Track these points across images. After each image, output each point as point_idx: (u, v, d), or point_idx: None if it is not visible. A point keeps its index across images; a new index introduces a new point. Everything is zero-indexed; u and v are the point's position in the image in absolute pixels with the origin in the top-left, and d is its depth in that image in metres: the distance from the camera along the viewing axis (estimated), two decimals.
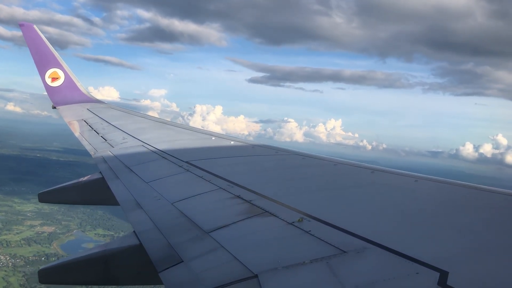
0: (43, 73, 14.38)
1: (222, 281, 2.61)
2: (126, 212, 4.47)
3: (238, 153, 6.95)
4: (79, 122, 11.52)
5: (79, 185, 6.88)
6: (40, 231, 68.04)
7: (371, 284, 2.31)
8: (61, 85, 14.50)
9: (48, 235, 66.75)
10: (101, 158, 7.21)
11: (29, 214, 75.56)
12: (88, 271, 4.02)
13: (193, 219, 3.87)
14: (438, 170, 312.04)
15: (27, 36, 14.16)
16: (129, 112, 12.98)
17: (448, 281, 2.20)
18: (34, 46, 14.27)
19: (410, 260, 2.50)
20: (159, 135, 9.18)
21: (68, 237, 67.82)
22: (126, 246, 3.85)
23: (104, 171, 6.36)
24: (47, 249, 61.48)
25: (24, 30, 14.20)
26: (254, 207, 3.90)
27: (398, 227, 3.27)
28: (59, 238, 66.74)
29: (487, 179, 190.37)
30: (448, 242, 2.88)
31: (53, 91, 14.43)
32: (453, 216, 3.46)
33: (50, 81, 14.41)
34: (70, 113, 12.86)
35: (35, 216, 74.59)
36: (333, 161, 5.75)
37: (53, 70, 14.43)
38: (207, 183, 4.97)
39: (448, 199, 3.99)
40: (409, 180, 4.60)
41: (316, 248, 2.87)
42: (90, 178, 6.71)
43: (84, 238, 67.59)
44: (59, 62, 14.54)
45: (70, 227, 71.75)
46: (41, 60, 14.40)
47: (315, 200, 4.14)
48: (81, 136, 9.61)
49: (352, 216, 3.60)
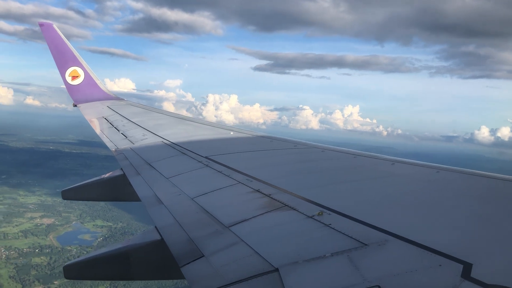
0: (63, 72, 14.59)
1: (243, 275, 2.62)
2: (147, 207, 4.52)
3: (256, 147, 6.96)
4: (99, 119, 11.68)
5: (101, 182, 6.98)
6: (39, 223, 68.76)
7: (393, 276, 2.29)
8: (81, 83, 14.69)
9: (46, 227, 67.39)
10: (122, 155, 7.29)
11: (31, 206, 76.53)
12: (111, 267, 4.08)
13: (213, 213, 3.89)
14: (456, 154, 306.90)
15: (46, 36, 14.35)
16: (149, 109, 13.09)
17: (472, 273, 2.17)
18: (54, 45, 14.47)
19: (432, 252, 2.46)
20: (178, 131, 9.25)
21: (66, 229, 68.44)
22: (148, 241, 3.90)
23: (125, 168, 6.44)
24: (42, 241, 62.14)
25: (43, 29, 14.39)
26: (273, 201, 3.90)
27: (420, 218, 3.23)
28: (56, 230, 67.39)
29: (508, 164, 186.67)
30: (472, 233, 2.83)
31: (73, 89, 14.63)
32: (476, 207, 3.40)
33: (71, 80, 14.62)
34: (90, 111, 13.04)
35: (36, 208, 75.51)
36: (352, 153, 5.71)
37: (73, 69, 14.63)
38: (226, 178, 4.99)
39: (470, 189, 3.93)
40: (430, 171, 4.53)
41: (336, 241, 2.86)
42: (111, 175, 6.80)
43: (82, 229, 68.26)
44: (79, 60, 14.73)
45: (70, 219, 72.55)
46: (61, 59, 14.60)
47: (335, 193, 4.12)
48: (102, 133, 9.74)
49: (373, 208, 3.57)
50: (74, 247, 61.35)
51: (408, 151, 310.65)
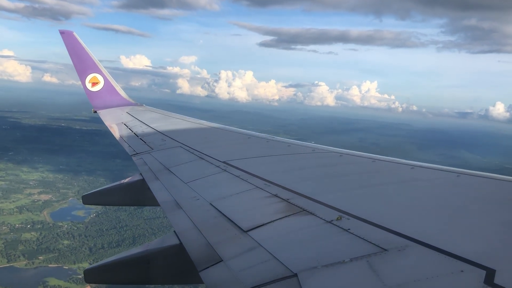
0: (83, 78, 14.85)
1: (261, 280, 2.62)
2: (166, 212, 4.55)
3: (274, 152, 6.96)
4: (119, 125, 11.82)
5: (120, 187, 7.06)
6: (37, 199, 69.28)
7: (414, 282, 2.26)
8: (101, 90, 14.93)
9: (42, 203, 67.96)
10: (141, 160, 7.37)
11: (32, 182, 77.04)
12: (131, 271, 4.12)
13: (231, 218, 3.90)
14: (471, 131, 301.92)
15: (67, 43, 14.63)
16: (167, 114, 13.22)
17: (496, 280, 2.13)
18: (74, 52, 14.74)
19: (454, 258, 2.42)
20: (196, 136, 9.31)
21: (62, 205, 68.89)
22: (167, 245, 3.92)
23: (144, 173, 6.51)
24: (36, 217, 62.79)
25: (64, 37, 14.68)
26: (291, 206, 3.89)
27: (441, 223, 3.19)
28: (52, 206, 68.00)
29: None
30: (495, 239, 2.78)
31: (93, 95, 14.87)
32: (499, 212, 3.34)
33: (91, 86, 14.86)
34: (110, 117, 13.21)
35: (36, 185, 76.09)
36: (371, 157, 5.67)
37: (93, 75, 14.88)
38: (244, 183, 5.00)
39: (492, 194, 3.86)
40: (450, 175, 4.47)
41: (356, 246, 2.83)
42: (131, 180, 6.88)
43: (77, 205, 68.23)
44: (99, 67, 14.97)
45: (67, 195, 72.89)
46: (81, 66, 14.86)
47: (354, 198, 4.09)
48: (121, 139, 9.86)
49: (392, 213, 3.53)
50: (66, 223, 61.98)
51: (425, 127, 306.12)
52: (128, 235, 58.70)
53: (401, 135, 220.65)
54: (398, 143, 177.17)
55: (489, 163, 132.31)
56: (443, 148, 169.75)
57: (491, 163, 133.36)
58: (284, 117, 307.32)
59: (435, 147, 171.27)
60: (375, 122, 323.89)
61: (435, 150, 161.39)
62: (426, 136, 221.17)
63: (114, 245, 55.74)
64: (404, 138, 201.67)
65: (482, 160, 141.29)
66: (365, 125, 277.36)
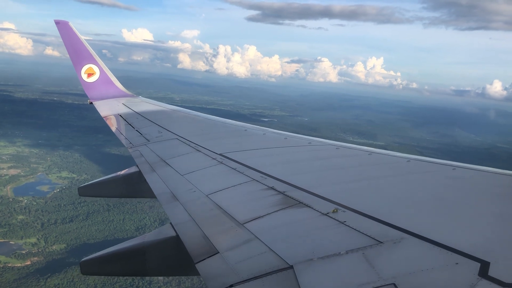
0: (79, 69, 14.77)
1: (257, 272, 2.63)
2: (163, 204, 4.55)
3: (270, 145, 6.95)
4: (115, 116, 11.77)
5: (117, 179, 7.04)
6: (4, 174, 67.97)
7: (409, 275, 2.27)
8: (97, 81, 14.85)
9: (9, 178, 66.83)
10: (137, 152, 7.35)
11: (4, 157, 75.71)
12: (127, 263, 4.13)
13: (227, 210, 3.91)
14: (469, 108, 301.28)
15: (62, 33, 14.53)
16: (164, 106, 13.17)
17: (490, 272, 2.14)
18: (69, 42, 14.64)
19: (449, 250, 2.44)
20: (193, 128, 9.29)
21: (28, 180, 67.86)
22: (163, 238, 3.93)
23: (140, 165, 6.49)
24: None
25: (59, 27, 14.58)
26: (287, 198, 3.90)
27: (436, 216, 3.20)
28: (18, 180, 66.90)
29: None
30: (489, 232, 2.80)
31: (89, 86, 14.79)
32: (493, 205, 3.36)
33: (86, 77, 14.78)
34: (106, 108, 13.15)
35: (9, 159, 74.91)
36: (367, 150, 5.68)
37: (88, 66, 14.79)
38: (240, 175, 5.00)
39: (487, 187, 3.88)
40: (446, 168, 4.49)
41: (351, 238, 2.85)
42: (127, 172, 6.86)
43: (44, 180, 67.78)
44: (94, 58, 14.89)
45: (37, 170, 72.04)
46: (77, 56, 14.77)
47: (350, 191, 4.10)
48: (117, 131, 9.82)
49: (388, 206, 3.55)
50: (26, 197, 61.09)
51: (425, 105, 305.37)
52: (84, 210, 57.55)
53: (397, 112, 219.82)
54: (393, 120, 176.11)
55: (481, 142, 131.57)
56: (437, 126, 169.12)
57: (483, 142, 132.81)
58: (284, 93, 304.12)
59: (429, 125, 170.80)
60: (375, 99, 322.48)
61: (429, 128, 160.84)
62: (423, 113, 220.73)
63: (67, 221, 54.88)
64: (400, 116, 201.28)
65: (476, 139, 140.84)
66: (365, 102, 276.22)
